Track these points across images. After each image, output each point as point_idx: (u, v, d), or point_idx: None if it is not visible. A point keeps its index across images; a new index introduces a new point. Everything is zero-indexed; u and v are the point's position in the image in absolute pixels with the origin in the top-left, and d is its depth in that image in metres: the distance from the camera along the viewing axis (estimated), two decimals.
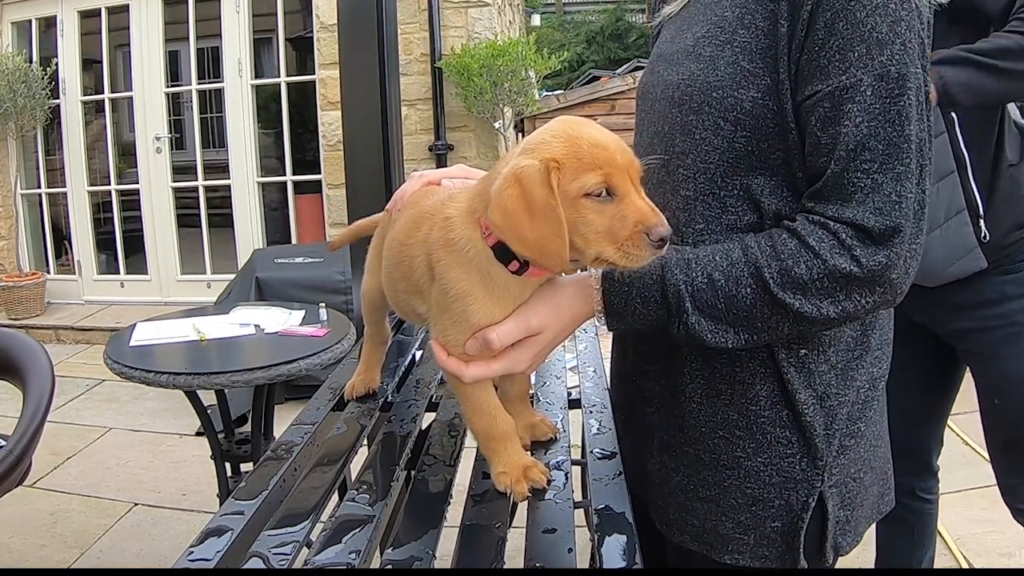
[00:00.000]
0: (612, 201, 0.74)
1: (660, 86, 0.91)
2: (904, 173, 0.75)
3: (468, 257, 0.80)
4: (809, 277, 0.77)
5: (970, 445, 2.98)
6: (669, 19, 0.98)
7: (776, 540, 0.88)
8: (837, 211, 0.77)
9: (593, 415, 1.12)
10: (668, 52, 0.93)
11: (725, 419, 0.88)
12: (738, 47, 0.82)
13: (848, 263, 0.76)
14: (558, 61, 4.96)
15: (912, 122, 0.76)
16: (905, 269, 0.77)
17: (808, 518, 0.87)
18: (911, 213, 0.76)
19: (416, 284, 0.88)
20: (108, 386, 4.04)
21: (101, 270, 5.56)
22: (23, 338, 1.89)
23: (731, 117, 0.82)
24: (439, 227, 0.83)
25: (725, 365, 0.88)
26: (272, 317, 2.36)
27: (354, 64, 1.89)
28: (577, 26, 12.73)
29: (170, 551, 2.48)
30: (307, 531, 0.81)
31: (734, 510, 0.89)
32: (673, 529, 0.94)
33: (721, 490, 0.89)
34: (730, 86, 0.82)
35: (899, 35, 0.75)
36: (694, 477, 0.91)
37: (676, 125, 0.87)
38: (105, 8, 5.23)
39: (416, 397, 1.21)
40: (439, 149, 4.90)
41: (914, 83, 0.76)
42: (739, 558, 0.89)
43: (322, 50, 4.92)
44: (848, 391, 0.87)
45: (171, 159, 5.29)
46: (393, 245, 0.94)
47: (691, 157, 0.86)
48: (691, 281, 0.80)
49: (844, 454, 0.88)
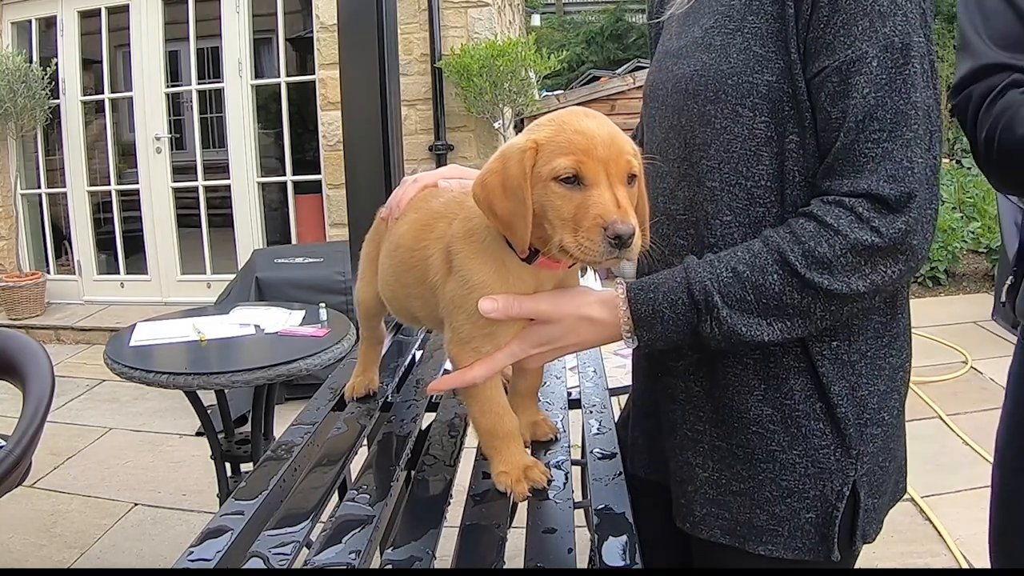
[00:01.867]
0: (580, 190, 0.74)
1: (670, 81, 0.92)
2: (913, 139, 0.77)
3: (485, 246, 0.82)
4: (833, 254, 0.77)
5: (970, 445, 2.98)
6: (670, 19, 0.98)
7: (810, 531, 0.89)
8: (851, 184, 0.78)
9: (593, 415, 1.12)
10: (675, 48, 0.93)
11: (759, 414, 0.88)
12: (748, 33, 0.83)
13: (869, 235, 0.77)
14: (558, 61, 4.96)
15: (918, 90, 0.77)
16: (924, 234, 0.78)
17: (843, 507, 0.88)
18: (924, 178, 0.77)
19: (431, 286, 0.88)
20: (108, 386, 4.04)
21: (101, 270, 5.56)
22: (23, 338, 1.89)
23: (748, 103, 0.83)
24: (459, 220, 0.85)
25: (758, 361, 0.88)
26: (272, 317, 2.36)
27: (354, 64, 1.89)
28: (577, 26, 12.72)
29: (170, 551, 2.48)
30: (307, 531, 0.81)
31: (769, 502, 0.89)
32: (700, 525, 0.94)
33: (755, 483, 0.90)
34: (744, 72, 0.83)
35: (900, 7, 0.77)
36: (726, 471, 0.91)
37: (694, 116, 0.87)
38: (105, 8, 5.22)
39: (416, 397, 1.21)
40: (439, 149, 4.90)
41: (918, 52, 0.78)
42: (773, 549, 0.90)
43: (322, 50, 4.92)
44: (877, 380, 0.88)
45: (171, 159, 5.29)
46: (398, 252, 0.94)
47: (714, 147, 0.86)
48: (716, 277, 0.80)
49: (873, 443, 0.89)
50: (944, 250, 5.13)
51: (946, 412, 3.29)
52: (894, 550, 2.36)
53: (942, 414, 3.28)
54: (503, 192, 0.76)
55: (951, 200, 5.81)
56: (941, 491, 2.65)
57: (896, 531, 2.46)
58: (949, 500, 2.59)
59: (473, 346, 0.84)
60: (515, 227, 0.76)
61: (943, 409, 3.32)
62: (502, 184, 0.76)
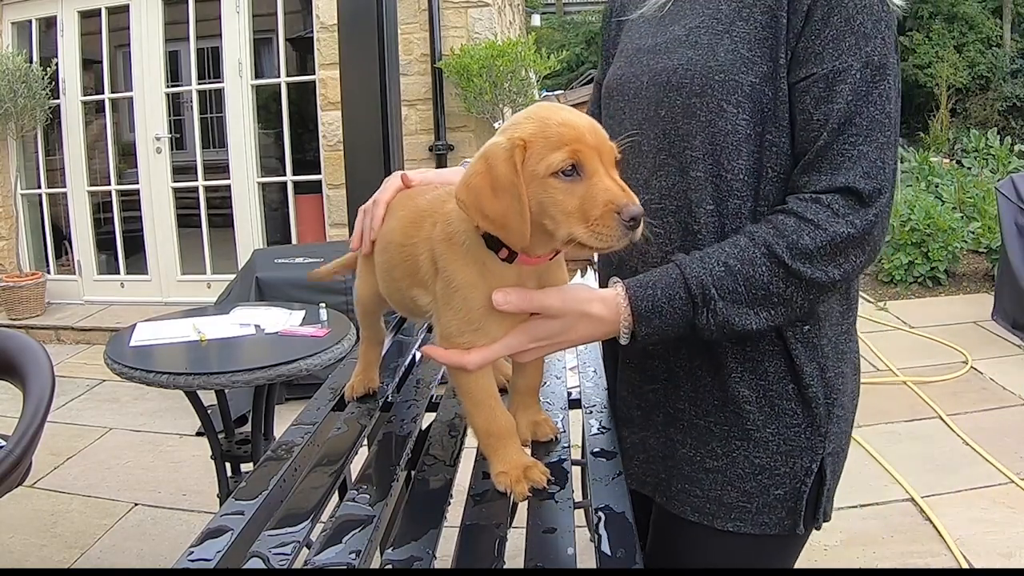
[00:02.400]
0: (581, 181, 0.75)
1: (646, 75, 0.96)
2: (885, 144, 0.86)
3: (465, 249, 0.83)
4: (815, 246, 0.84)
5: (970, 445, 2.98)
6: (639, 19, 1.03)
7: (777, 507, 0.95)
8: (829, 180, 0.86)
9: (593, 415, 1.12)
10: (650, 45, 0.98)
11: (736, 394, 0.94)
12: (737, 37, 0.90)
13: (845, 227, 0.84)
14: (558, 61, 4.96)
15: (891, 102, 0.87)
16: (884, 227, 0.87)
17: (811, 483, 0.95)
18: (890, 178, 0.86)
19: (422, 280, 0.89)
20: (108, 386, 4.05)
21: (101, 270, 5.55)
22: (23, 338, 1.89)
23: (733, 100, 0.89)
24: (440, 223, 0.85)
25: (736, 344, 0.93)
26: (272, 317, 2.36)
27: (354, 64, 1.89)
28: (577, 26, 12.73)
29: (170, 551, 2.48)
30: (307, 531, 0.81)
31: (740, 479, 0.95)
32: (673, 501, 0.99)
33: (729, 460, 0.95)
34: (731, 70, 0.89)
35: (880, 31, 0.86)
36: (702, 448, 0.97)
37: (676, 108, 0.92)
38: (105, 8, 5.22)
39: (416, 397, 1.21)
40: (439, 149, 4.90)
41: (892, 71, 0.87)
42: (741, 525, 0.95)
43: (322, 50, 4.92)
44: (841, 364, 0.96)
45: (171, 159, 5.28)
46: (390, 247, 0.95)
47: (698, 138, 0.91)
48: (710, 272, 0.85)
49: (837, 424, 0.96)
50: (944, 250, 5.13)
51: (946, 412, 3.29)
52: (894, 550, 2.36)
53: (942, 414, 3.28)
54: (493, 193, 0.75)
55: (951, 200, 5.81)
56: (941, 491, 2.65)
57: (896, 531, 2.46)
58: (949, 500, 2.59)
59: (461, 341, 0.84)
60: (510, 226, 0.76)
61: (943, 409, 3.32)
62: (491, 185, 0.75)
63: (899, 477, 2.76)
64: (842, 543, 2.37)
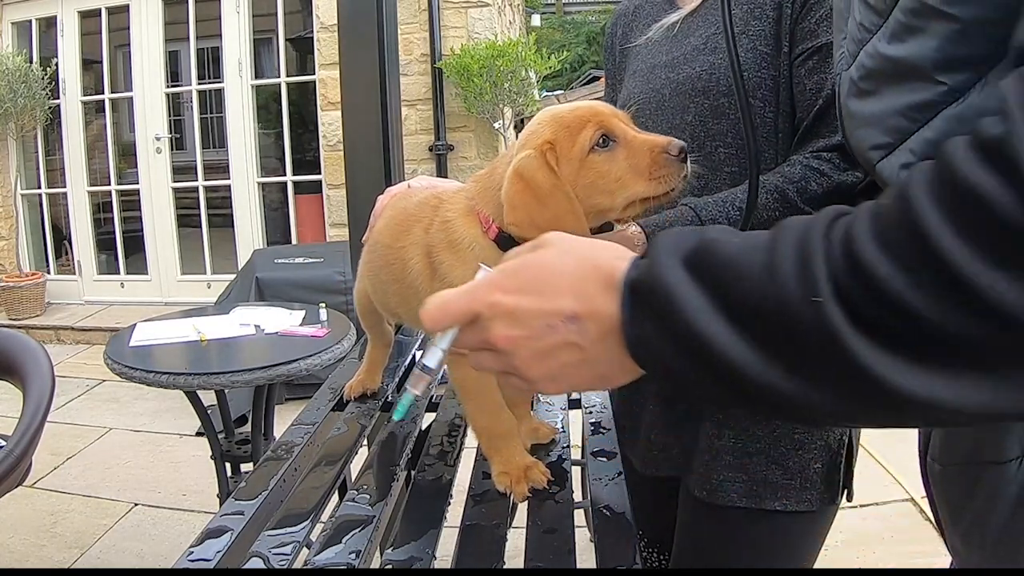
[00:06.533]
0: (617, 146, 0.76)
1: (668, 87, 1.00)
2: None
3: (473, 254, 0.82)
4: (822, 191, 0.89)
5: None
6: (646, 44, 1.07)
7: (817, 481, 0.99)
8: (827, 140, 0.91)
9: (593, 415, 1.12)
10: (666, 60, 1.02)
11: None
12: (754, 35, 0.95)
13: (848, 176, 0.89)
14: (558, 61, 4.96)
15: None
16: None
17: (844, 454, 1.00)
18: None
19: (410, 285, 0.88)
20: (108, 386, 4.05)
21: (101, 270, 5.56)
22: (23, 338, 1.89)
23: (759, 95, 0.94)
24: (438, 230, 0.84)
25: None
26: (272, 317, 2.36)
27: (354, 64, 1.89)
28: (577, 26, 12.73)
29: (170, 551, 2.48)
30: (307, 531, 0.81)
31: (784, 457, 0.98)
32: (717, 492, 1.01)
33: (772, 440, 0.99)
34: (753, 68, 0.94)
35: None
36: (744, 433, 0.99)
37: (705, 110, 0.97)
38: (105, 8, 5.23)
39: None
40: (439, 149, 4.90)
41: None
42: (787, 503, 0.98)
43: (322, 50, 4.92)
44: None
45: (171, 159, 5.29)
46: (377, 248, 0.95)
47: (731, 136, 0.96)
48: (727, 215, 0.88)
49: None
50: None
51: None
52: (894, 550, 2.36)
53: None
54: (539, 203, 0.75)
55: None
56: None
57: (896, 531, 2.46)
58: None
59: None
60: (567, 227, 0.74)
61: None
62: (535, 197, 0.76)
63: (899, 477, 2.76)
64: (842, 543, 2.37)
